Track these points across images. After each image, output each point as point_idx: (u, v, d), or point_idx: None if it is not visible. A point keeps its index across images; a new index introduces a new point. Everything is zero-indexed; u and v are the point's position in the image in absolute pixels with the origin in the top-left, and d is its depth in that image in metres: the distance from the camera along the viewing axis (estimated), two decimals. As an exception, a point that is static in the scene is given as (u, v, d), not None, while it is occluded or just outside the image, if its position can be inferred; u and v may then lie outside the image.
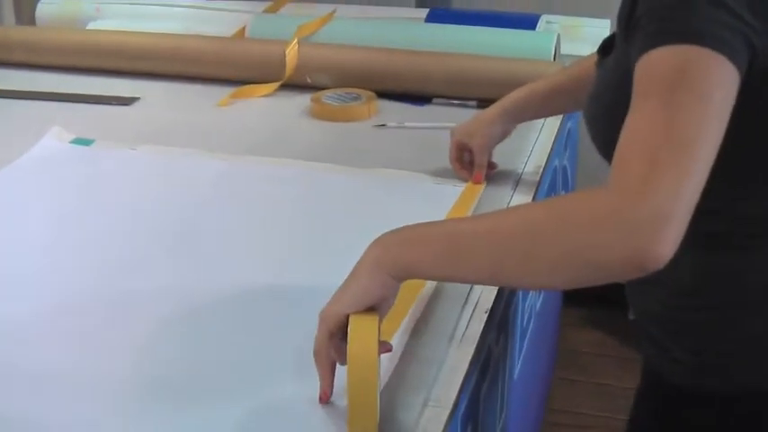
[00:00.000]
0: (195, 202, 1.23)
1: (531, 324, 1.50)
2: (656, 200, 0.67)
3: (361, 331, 0.77)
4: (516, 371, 1.36)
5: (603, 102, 0.90)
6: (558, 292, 2.10)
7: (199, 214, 1.20)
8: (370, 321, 0.78)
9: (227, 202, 1.24)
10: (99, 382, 0.86)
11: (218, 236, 1.14)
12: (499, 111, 1.24)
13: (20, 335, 0.93)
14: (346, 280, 0.80)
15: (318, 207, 1.22)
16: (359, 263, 0.80)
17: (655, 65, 0.74)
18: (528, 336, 1.47)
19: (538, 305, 1.58)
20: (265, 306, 0.98)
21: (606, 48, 0.97)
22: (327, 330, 0.78)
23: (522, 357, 1.42)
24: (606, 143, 0.90)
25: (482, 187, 1.24)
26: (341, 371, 0.80)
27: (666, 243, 0.68)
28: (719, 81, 0.72)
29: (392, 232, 0.80)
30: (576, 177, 1.89)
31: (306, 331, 0.81)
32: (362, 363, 0.75)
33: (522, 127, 1.48)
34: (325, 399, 0.81)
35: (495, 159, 1.29)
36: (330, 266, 0.86)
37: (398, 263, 0.78)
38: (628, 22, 0.80)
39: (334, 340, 0.79)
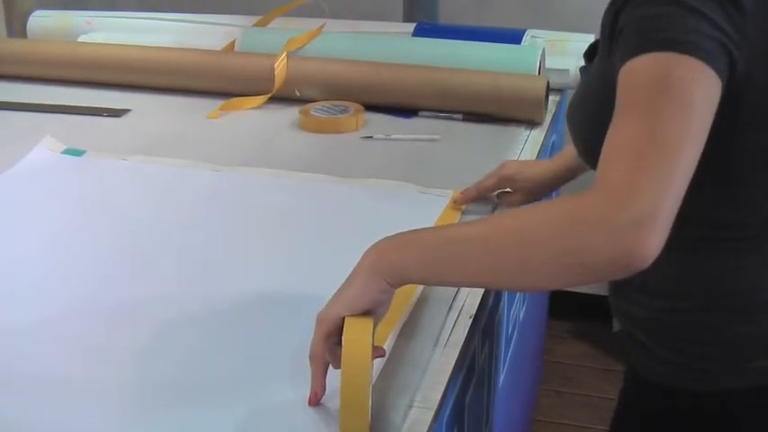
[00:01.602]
0: (187, 211, 1.25)
1: (516, 333, 1.51)
2: (640, 202, 0.69)
3: (356, 334, 0.78)
4: (501, 379, 1.38)
5: (587, 108, 0.92)
6: (543, 303, 2.12)
7: (191, 223, 1.21)
8: (364, 324, 0.79)
9: (219, 211, 1.25)
10: (98, 387, 0.87)
11: (210, 244, 1.15)
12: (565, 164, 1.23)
13: (15, 342, 0.94)
14: (343, 284, 0.81)
15: (308, 216, 1.23)
16: (355, 268, 0.81)
17: (638, 72, 0.76)
18: (513, 344, 1.49)
19: (522, 314, 1.60)
20: (259, 312, 0.99)
21: (591, 53, 0.99)
22: (323, 333, 0.80)
23: (507, 366, 1.43)
24: (589, 148, 0.93)
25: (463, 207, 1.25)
26: (333, 373, 0.81)
27: (651, 244, 0.69)
28: (701, 88, 0.75)
29: (388, 238, 0.82)
30: (560, 189, 1.91)
31: (300, 336, 0.83)
32: (356, 366, 0.77)
33: (506, 139, 1.51)
34: (315, 400, 0.82)
35: (480, 169, 1.30)
36: (320, 274, 0.87)
37: (394, 268, 0.80)
38: (611, 31, 0.82)
39: (330, 343, 0.80)
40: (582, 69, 1.00)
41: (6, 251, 1.13)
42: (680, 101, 0.73)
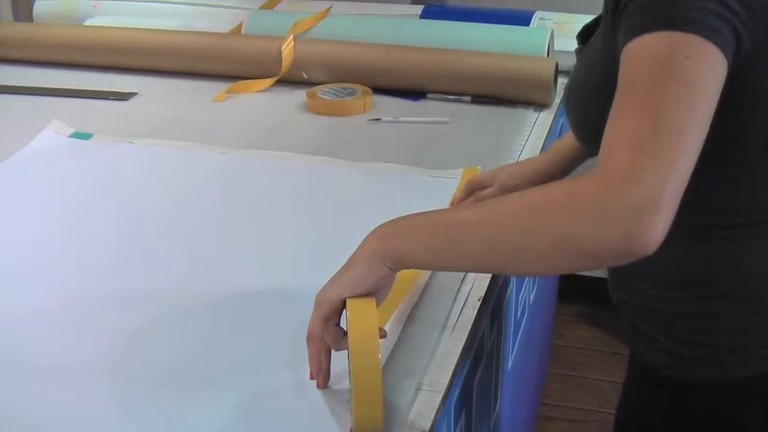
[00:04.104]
0: (194, 195, 1.24)
1: (525, 316, 1.51)
2: (643, 188, 0.68)
3: (361, 316, 0.77)
4: (510, 362, 1.38)
5: (586, 88, 0.90)
6: (552, 287, 2.11)
7: (198, 206, 1.21)
8: (368, 305, 0.78)
9: (226, 194, 1.25)
10: (101, 371, 0.87)
11: (217, 227, 1.15)
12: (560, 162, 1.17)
13: (20, 329, 0.94)
14: (343, 267, 0.81)
15: (315, 199, 1.23)
16: (356, 252, 0.81)
17: (641, 52, 0.74)
18: (522, 328, 1.48)
19: (531, 298, 1.59)
20: (267, 295, 0.99)
21: (585, 35, 0.98)
22: (323, 314, 0.79)
23: (515, 349, 1.43)
24: (587, 130, 0.91)
25: None
26: (335, 356, 0.82)
27: (654, 230, 0.68)
28: (707, 69, 0.72)
29: (388, 223, 0.81)
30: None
31: (307, 320, 0.82)
32: (365, 347, 0.76)
33: (515, 121, 1.50)
34: (322, 384, 0.82)
35: (489, 152, 1.30)
36: (328, 258, 0.86)
37: (393, 252, 0.79)
38: (615, 8, 0.80)
39: (329, 325, 0.80)
40: (577, 51, 0.98)
41: (14, 235, 1.13)
42: (685, 82, 0.71)
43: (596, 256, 0.71)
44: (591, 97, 0.89)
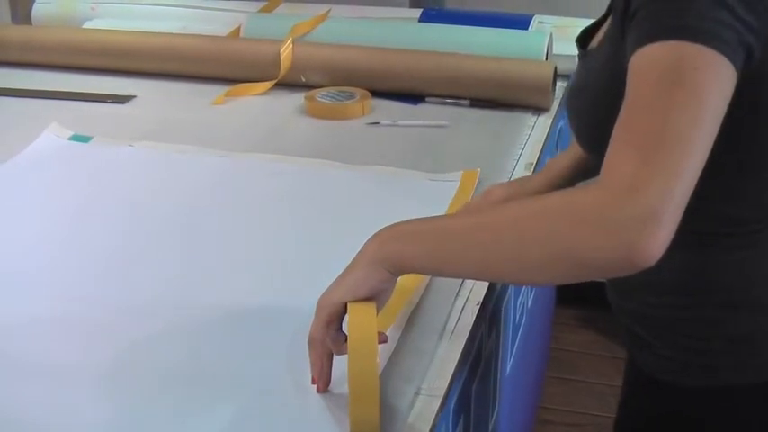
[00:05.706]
0: (193, 197, 1.24)
1: (524, 321, 1.51)
2: (647, 199, 0.67)
3: (361, 319, 0.78)
4: (508, 366, 1.38)
5: (590, 93, 0.90)
6: (550, 291, 2.11)
7: (197, 209, 1.21)
8: (368, 309, 0.79)
9: (224, 197, 1.25)
10: (98, 375, 0.87)
11: (215, 230, 1.15)
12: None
13: (19, 330, 0.94)
14: (344, 271, 0.81)
15: (314, 203, 1.23)
16: (357, 256, 0.81)
17: (650, 61, 0.73)
18: (520, 332, 1.48)
19: (530, 302, 1.59)
20: (265, 298, 0.99)
21: (584, 39, 0.98)
22: (324, 318, 0.79)
23: (514, 354, 1.43)
24: (590, 135, 0.91)
25: (475, 182, 1.25)
26: (337, 360, 0.81)
27: (656, 242, 0.67)
28: (715, 79, 0.71)
29: (389, 227, 0.81)
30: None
31: (305, 324, 0.82)
32: (363, 350, 0.76)
33: (514, 125, 1.50)
34: (322, 388, 0.82)
35: (488, 155, 1.30)
36: (327, 261, 0.86)
37: (393, 257, 0.79)
38: (623, 15, 0.79)
39: (331, 329, 0.80)
40: (580, 55, 0.98)
41: (14, 236, 1.13)
42: (693, 93, 0.70)
43: (596, 266, 0.70)
44: (595, 103, 0.88)
